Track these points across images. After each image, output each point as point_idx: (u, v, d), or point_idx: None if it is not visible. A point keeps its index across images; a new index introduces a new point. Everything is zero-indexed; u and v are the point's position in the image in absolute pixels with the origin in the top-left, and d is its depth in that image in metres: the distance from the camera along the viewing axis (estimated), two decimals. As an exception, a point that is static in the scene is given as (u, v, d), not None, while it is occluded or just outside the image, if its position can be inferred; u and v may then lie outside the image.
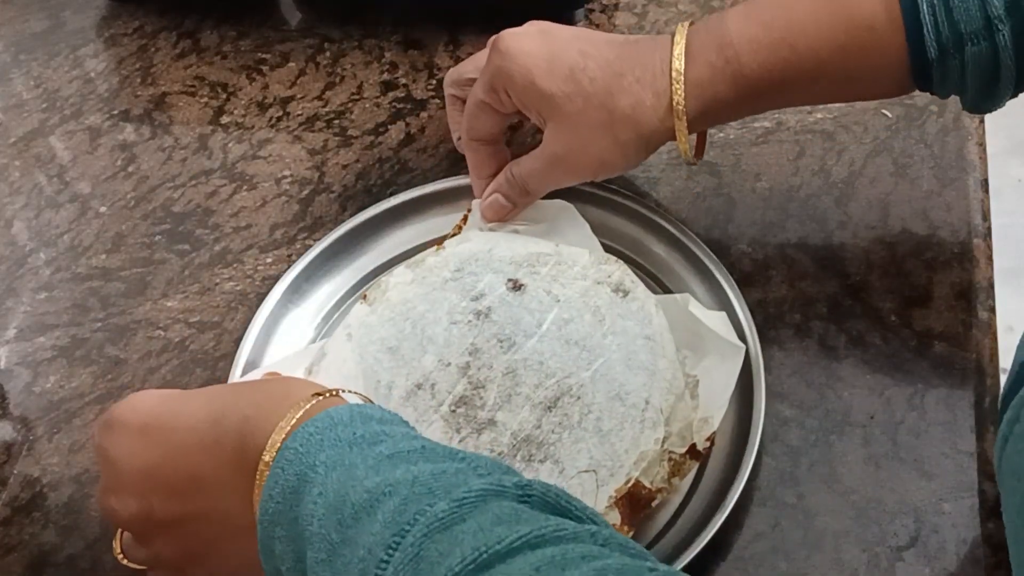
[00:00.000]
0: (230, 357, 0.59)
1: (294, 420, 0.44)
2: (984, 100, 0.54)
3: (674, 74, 0.54)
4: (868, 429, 0.55)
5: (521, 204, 0.62)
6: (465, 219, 0.64)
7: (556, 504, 0.39)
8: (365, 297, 0.59)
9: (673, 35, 0.55)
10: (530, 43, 0.57)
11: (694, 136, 0.60)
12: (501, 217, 0.62)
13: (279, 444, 0.43)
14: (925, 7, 0.51)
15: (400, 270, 0.59)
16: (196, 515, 0.46)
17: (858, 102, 0.68)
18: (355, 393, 0.49)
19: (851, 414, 0.55)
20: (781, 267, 0.61)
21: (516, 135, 0.69)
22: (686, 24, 0.56)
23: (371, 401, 0.50)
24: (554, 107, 0.56)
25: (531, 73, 0.56)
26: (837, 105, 0.68)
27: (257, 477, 0.44)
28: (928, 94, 0.55)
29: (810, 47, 0.53)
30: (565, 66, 0.56)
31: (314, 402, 0.45)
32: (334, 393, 0.47)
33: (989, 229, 0.62)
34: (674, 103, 0.54)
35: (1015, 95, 0.54)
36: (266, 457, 0.43)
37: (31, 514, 0.58)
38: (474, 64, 0.62)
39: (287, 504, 0.42)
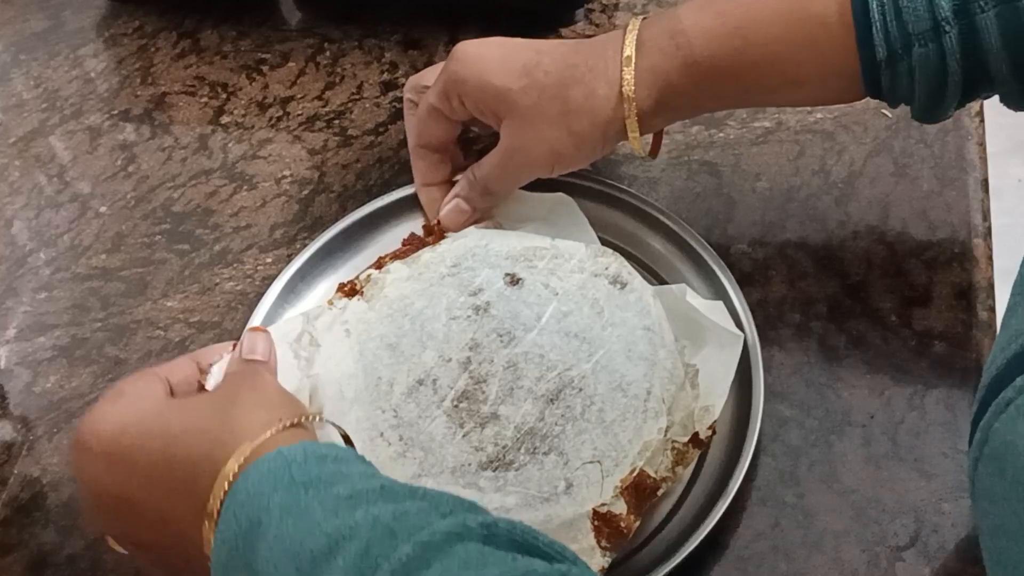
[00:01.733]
0: (230, 357, 0.59)
1: (242, 459, 0.42)
2: (932, 108, 0.54)
3: (624, 60, 0.55)
4: (868, 429, 0.55)
5: (482, 207, 0.62)
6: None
7: (523, 542, 0.38)
8: (358, 292, 0.59)
9: (626, 27, 0.56)
10: (485, 48, 0.58)
11: (649, 137, 0.60)
12: (461, 224, 0.62)
13: (227, 486, 0.41)
14: (875, 6, 0.51)
15: (396, 266, 0.59)
16: (168, 544, 0.45)
17: (854, 103, 0.68)
18: (322, 418, 0.48)
19: (851, 414, 0.55)
20: (781, 267, 0.61)
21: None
22: (639, 17, 0.56)
23: (345, 433, 0.50)
24: (509, 102, 0.56)
25: (484, 73, 0.57)
26: (837, 105, 0.68)
27: (206, 520, 0.42)
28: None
29: (763, 39, 0.53)
30: (519, 63, 0.57)
31: (266, 436, 0.43)
32: (295, 422, 0.45)
33: (989, 229, 0.62)
34: (624, 90, 0.55)
35: (962, 104, 0.54)
36: (215, 501, 0.41)
37: (31, 514, 0.58)
38: (434, 73, 0.62)
39: (241, 549, 0.40)
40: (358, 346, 0.56)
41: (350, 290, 0.59)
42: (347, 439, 0.51)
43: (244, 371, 0.52)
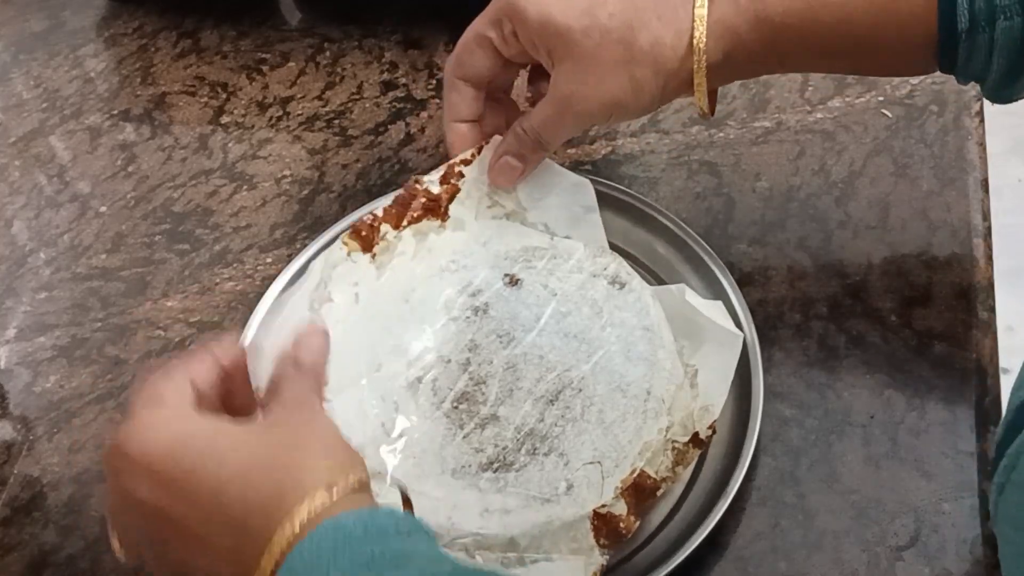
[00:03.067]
0: (230, 357, 0.59)
1: (298, 526, 0.38)
2: (1006, 87, 0.52)
3: (696, 11, 0.52)
4: (868, 429, 0.55)
5: (533, 161, 0.59)
6: (467, 162, 0.60)
7: None
8: (371, 249, 0.58)
9: None
10: None
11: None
12: (512, 180, 0.59)
13: (280, 556, 0.38)
14: None
15: (407, 236, 0.59)
16: (198, 566, 0.42)
17: (854, 103, 0.68)
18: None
19: (851, 414, 0.55)
20: (781, 267, 0.61)
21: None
22: None
23: (406, 495, 0.46)
24: (569, 43, 0.53)
25: (546, 5, 0.53)
26: (837, 105, 0.68)
27: None
28: (931, 91, 0.54)
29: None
30: (583, 1, 0.53)
31: (327, 501, 0.39)
32: (355, 487, 0.40)
33: (989, 229, 0.62)
34: (694, 42, 0.53)
35: None
36: (267, 565, 0.38)
37: (31, 514, 0.58)
38: None
39: None
40: (364, 320, 0.56)
41: (365, 242, 0.58)
42: (407, 501, 0.48)
43: (302, 404, 0.45)
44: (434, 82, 0.75)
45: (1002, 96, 0.53)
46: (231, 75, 0.78)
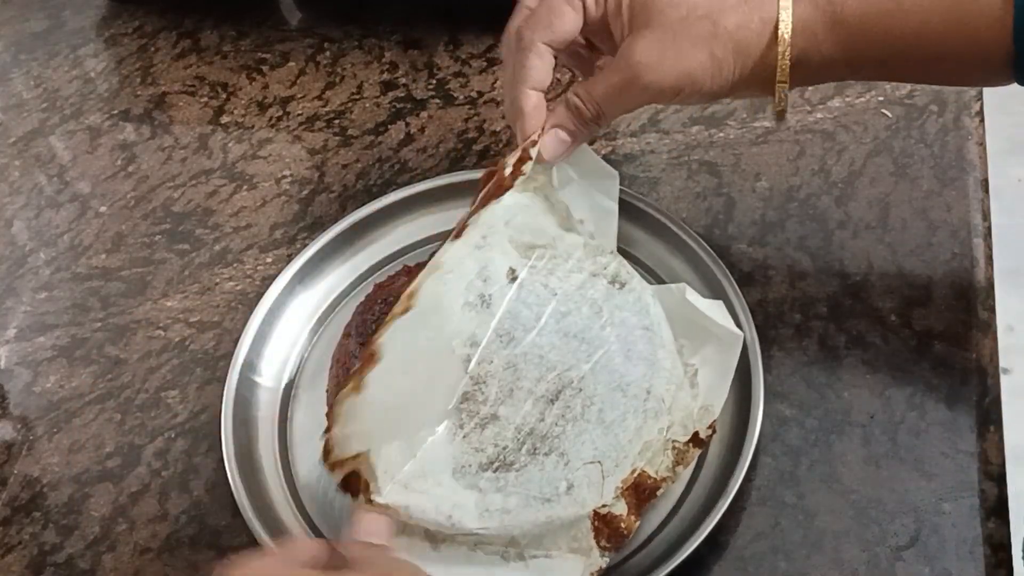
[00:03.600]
0: (230, 357, 0.59)
1: None
2: None
3: (781, 2, 0.51)
4: (868, 429, 0.55)
5: (584, 136, 0.56)
6: (523, 160, 0.57)
7: None
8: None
9: None
10: None
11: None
12: (560, 155, 0.56)
13: None
14: None
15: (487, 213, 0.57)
16: None
17: (855, 102, 0.68)
18: None
19: (851, 414, 0.55)
20: (781, 267, 0.61)
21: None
22: None
23: None
24: (655, 10, 0.52)
25: None
26: (837, 105, 0.68)
27: None
28: (931, 90, 0.54)
29: (917, 5, 0.50)
30: None
31: None
32: None
33: (989, 229, 0.62)
34: (779, 32, 0.51)
35: None
36: None
37: (31, 514, 0.58)
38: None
39: None
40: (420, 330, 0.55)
41: (458, 232, 0.56)
42: None
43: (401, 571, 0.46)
44: (434, 82, 0.75)
45: None
46: (231, 75, 0.78)
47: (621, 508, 0.50)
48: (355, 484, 0.50)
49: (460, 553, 0.50)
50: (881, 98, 0.69)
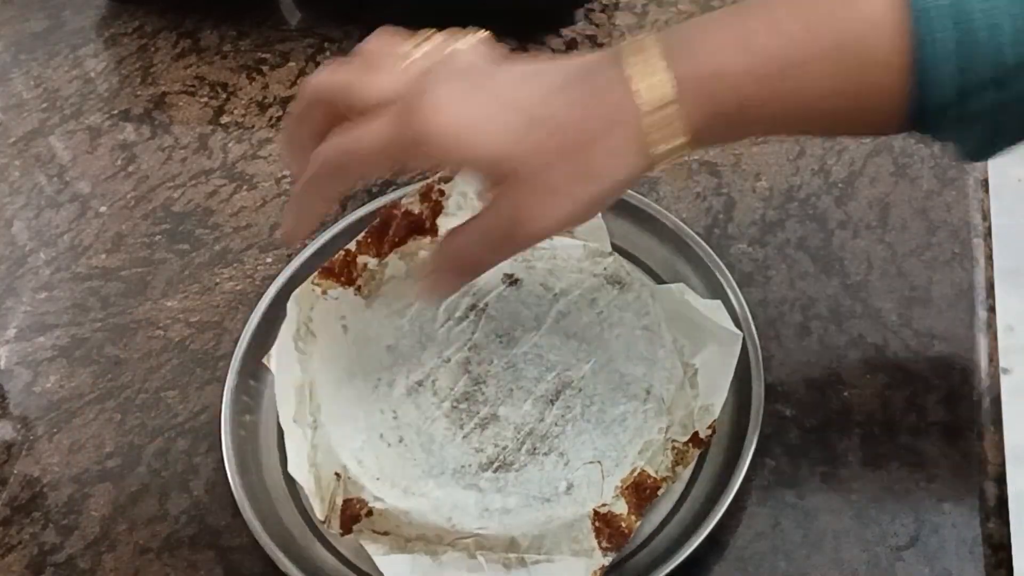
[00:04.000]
0: (230, 357, 0.59)
1: None
2: (986, 153, 0.46)
3: (644, 118, 0.44)
4: (868, 429, 0.55)
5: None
6: (447, 179, 0.58)
7: None
8: (353, 284, 0.58)
9: (634, 60, 0.44)
10: (466, 106, 0.45)
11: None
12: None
13: None
14: (937, 47, 0.41)
15: (394, 261, 0.59)
16: None
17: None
18: None
19: (851, 414, 0.55)
20: (781, 267, 0.61)
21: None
22: (643, 44, 0.45)
23: None
24: (507, 169, 0.44)
25: (469, 138, 0.44)
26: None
27: None
28: None
29: (810, 79, 0.44)
30: (520, 116, 0.44)
31: None
32: None
33: (989, 229, 0.62)
34: (649, 146, 0.44)
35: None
36: None
37: (31, 514, 0.58)
38: (375, 87, 0.49)
39: None
40: (356, 347, 0.56)
41: (345, 278, 0.58)
42: None
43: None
44: (434, 82, 0.75)
45: (982, 158, 0.48)
46: (231, 75, 0.78)
47: (621, 507, 0.50)
48: (351, 510, 0.51)
49: (461, 563, 0.50)
50: (881, 98, 0.68)
